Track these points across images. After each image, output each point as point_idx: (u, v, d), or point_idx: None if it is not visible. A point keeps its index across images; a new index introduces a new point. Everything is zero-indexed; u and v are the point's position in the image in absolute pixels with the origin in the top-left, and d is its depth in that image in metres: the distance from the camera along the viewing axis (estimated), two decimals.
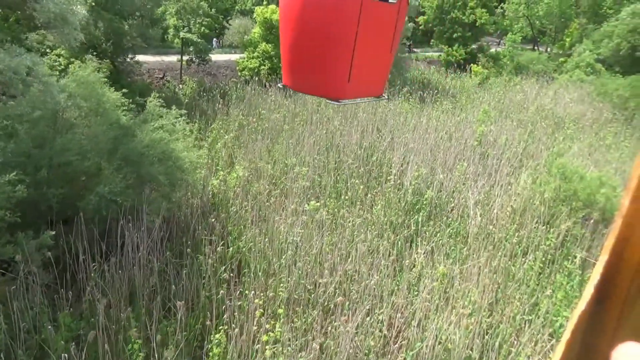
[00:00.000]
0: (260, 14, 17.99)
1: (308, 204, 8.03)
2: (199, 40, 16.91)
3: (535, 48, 32.30)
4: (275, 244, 7.11)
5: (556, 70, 25.20)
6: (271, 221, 7.67)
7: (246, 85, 16.55)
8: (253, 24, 20.80)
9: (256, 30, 18.54)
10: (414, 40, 30.00)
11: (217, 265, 6.58)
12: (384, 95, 2.59)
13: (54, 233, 5.90)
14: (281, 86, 2.47)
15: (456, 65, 25.33)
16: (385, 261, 6.92)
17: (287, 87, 2.42)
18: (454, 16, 25.64)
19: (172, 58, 19.01)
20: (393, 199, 9.03)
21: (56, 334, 5.07)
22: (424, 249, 7.50)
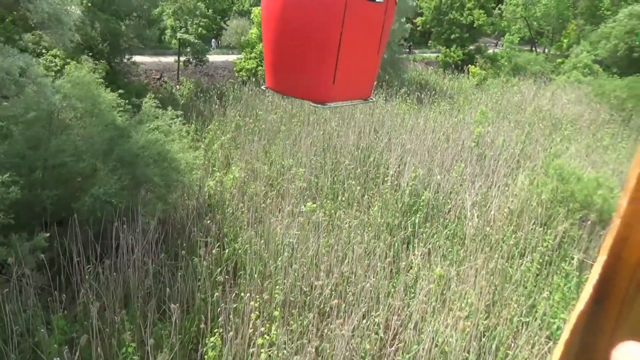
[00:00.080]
0: (257, 15, 18.01)
1: (305, 205, 8.00)
2: (196, 41, 16.91)
3: (532, 49, 32.44)
4: (271, 246, 7.08)
5: (554, 72, 25.29)
6: (267, 223, 7.64)
7: (243, 86, 16.53)
8: (250, 24, 20.82)
9: (253, 31, 18.55)
10: (412, 41, 30.04)
11: (212, 267, 6.56)
12: (372, 98, 2.52)
13: (48, 235, 5.87)
14: (264, 88, 2.40)
15: (454, 67, 25.37)
16: (381, 263, 6.90)
17: (269, 90, 2.36)
18: (452, 17, 25.69)
19: (169, 59, 18.97)
20: (390, 200, 9.01)
21: (49, 337, 5.03)
22: (420, 250, 7.49)
